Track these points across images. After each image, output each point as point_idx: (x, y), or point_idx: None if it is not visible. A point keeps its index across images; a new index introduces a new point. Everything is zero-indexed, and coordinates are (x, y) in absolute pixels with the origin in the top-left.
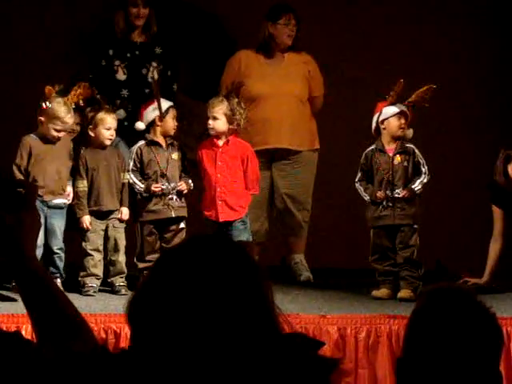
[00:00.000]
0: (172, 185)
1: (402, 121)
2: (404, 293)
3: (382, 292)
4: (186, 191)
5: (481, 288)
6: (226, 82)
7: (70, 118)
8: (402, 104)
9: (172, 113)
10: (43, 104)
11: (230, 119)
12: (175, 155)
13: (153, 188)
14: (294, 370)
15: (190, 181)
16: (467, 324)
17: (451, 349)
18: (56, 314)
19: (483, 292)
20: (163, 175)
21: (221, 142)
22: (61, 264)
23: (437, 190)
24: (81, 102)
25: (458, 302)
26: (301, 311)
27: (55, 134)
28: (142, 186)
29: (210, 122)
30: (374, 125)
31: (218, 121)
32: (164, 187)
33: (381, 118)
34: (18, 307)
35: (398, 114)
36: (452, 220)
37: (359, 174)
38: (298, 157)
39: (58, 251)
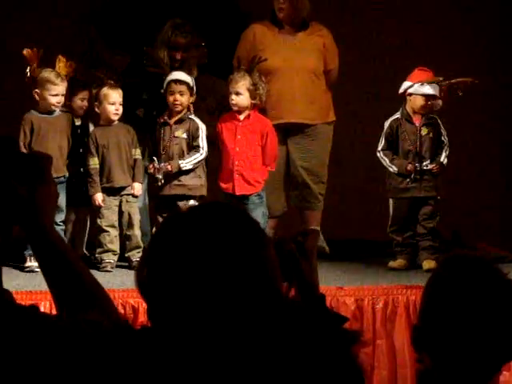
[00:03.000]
0: (161, 164)
1: (428, 103)
2: (429, 263)
3: (399, 263)
4: (170, 171)
5: None
6: (241, 55)
7: (61, 81)
8: (440, 83)
9: (171, 88)
10: (27, 72)
11: (253, 94)
12: (179, 132)
13: (148, 171)
14: (317, 342)
15: (187, 160)
16: (483, 291)
17: (468, 316)
18: (74, 283)
19: None
20: (156, 154)
21: (242, 116)
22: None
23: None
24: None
25: (474, 269)
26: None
27: (53, 100)
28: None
29: (233, 97)
30: (401, 89)
31: (241, 96)
32: (156, 165)
33: (410, 90)
34: (36, 284)
35: (427, 95)
36: (468, 190)
37: (383, 143)
38: (313, 130)
39: (60, 223)
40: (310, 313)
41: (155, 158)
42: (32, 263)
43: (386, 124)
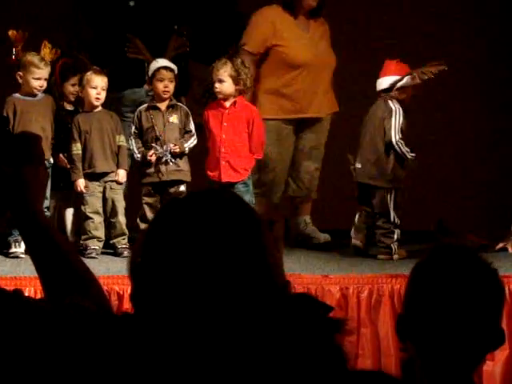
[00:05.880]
0: (165, 147)
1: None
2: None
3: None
4: (178, 152)
5: None
6: (257, 40)
7: (44, 66)
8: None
9: (161, 75)
10: (13, 54)
11: (236, 80)
12: (174, 118)
13: (148, 157)
14: (300, 330)
15: (188, 143)
16: (469, 280)
17: (452, 305)
18: (62, 267)
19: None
20: (157, 139)
21: (228, 104)
22: None
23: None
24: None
25: (459, 259)
26: (303, 271)
27: (35, 83)
28: (139, 155)
29: (217, 85)
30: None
31: (225, 83)
32: (158, 152)
33: (401, 83)
34: (21, 271)
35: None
36: (452, 181)
37: (400, 133)
38: (321, 122)
39: (44, 209)
40: (297, 302)
41: (155, 145)
42: (17, 249)
43: (401, 114)
